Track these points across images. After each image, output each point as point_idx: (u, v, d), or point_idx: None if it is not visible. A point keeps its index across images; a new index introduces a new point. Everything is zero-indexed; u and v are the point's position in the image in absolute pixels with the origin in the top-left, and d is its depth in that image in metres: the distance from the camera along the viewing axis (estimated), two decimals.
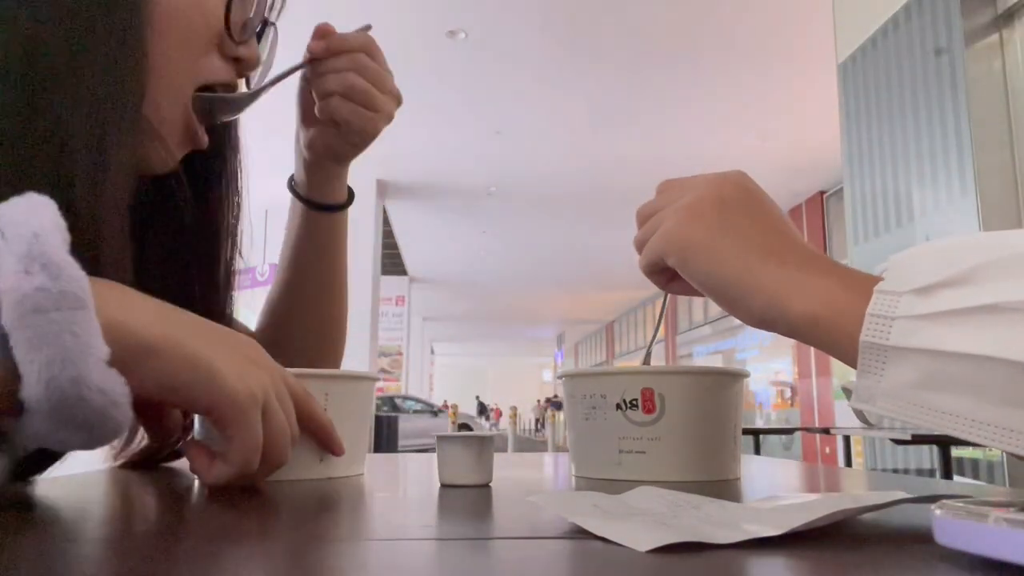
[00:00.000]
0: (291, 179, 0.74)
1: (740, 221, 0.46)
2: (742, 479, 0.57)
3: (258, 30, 0.62)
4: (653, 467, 0.54)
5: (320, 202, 0.73)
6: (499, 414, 25.96)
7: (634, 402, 0.54)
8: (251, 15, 0.59)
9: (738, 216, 0.46)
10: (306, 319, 0.75)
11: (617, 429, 0.55)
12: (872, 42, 3.43)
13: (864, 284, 0.38)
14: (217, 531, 0.35)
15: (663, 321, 0.66)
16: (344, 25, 0.66)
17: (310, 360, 0.72)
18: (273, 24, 0.65)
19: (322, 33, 0.65)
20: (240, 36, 0.58)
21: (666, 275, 0.50)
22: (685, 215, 0.47)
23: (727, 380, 0.57)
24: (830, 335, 0.39)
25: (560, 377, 0.62)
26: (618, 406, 0.55)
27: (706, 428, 0.55)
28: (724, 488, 0.51)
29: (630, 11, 4.70)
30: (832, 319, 0.39)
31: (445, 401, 16.49)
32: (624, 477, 0.54)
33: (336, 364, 0.78)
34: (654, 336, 0.67)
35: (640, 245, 0.51)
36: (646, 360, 0.60)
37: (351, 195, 0.75)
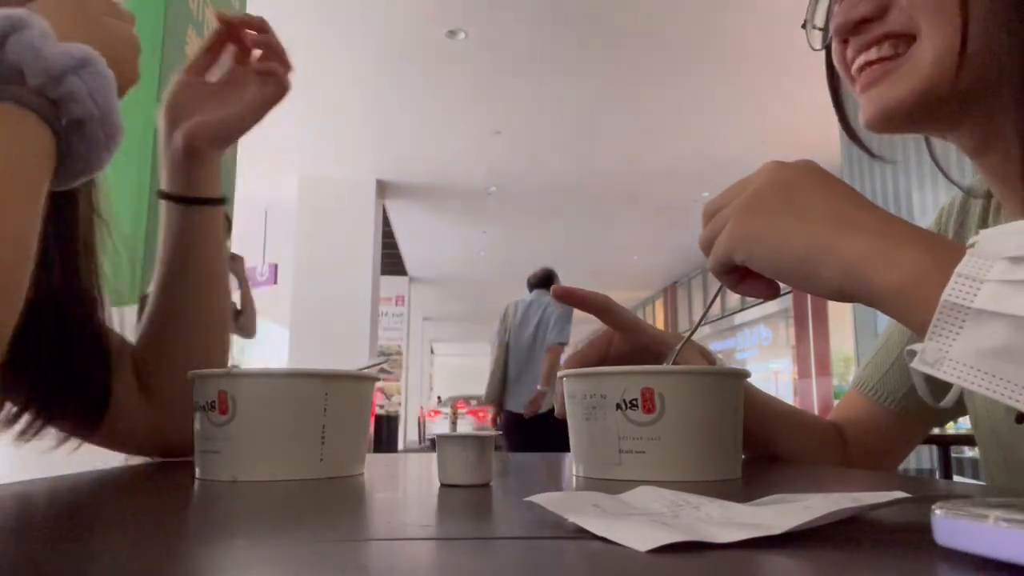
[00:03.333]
0: (159, 191, 0.75)
1: (806, 200, 0.44)
2: (742, 479, 0.57)
3: None
4: (653, 467, 0.54)
5: (196, 196, 0.74)
6: None
7: (634, 402, 0.54)
8: None
9: (804, 196, 0.44)
10: (186, 316, 0.75)
11: (617, 429, 0.55)
12: None
13: (951, 253, 0.37)
14: (216, 531, 0.35)
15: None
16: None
17: (196, 358, 0.72)
18: None
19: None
20: None
21: (736, 275, 0.48)
22: (747, 208, 0.46)
23: (727, 380, 0.57)
24: (911, 305, 0.38)
25: (560, 377, 0.62)
26: (618, 406, 0.55)
27: (706, 428, 0.55)
28: (724, 488, 0.50)
29: (630, 12, 4.70)
30: (916, 289, 0.38)
31: None
32: (624, 477, 0.54)
33: (223, 357, 0.78)
34: (700, 320, 0.71)
35: (706, 246, 0.49)
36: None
37: (224, 199, 0.78)
